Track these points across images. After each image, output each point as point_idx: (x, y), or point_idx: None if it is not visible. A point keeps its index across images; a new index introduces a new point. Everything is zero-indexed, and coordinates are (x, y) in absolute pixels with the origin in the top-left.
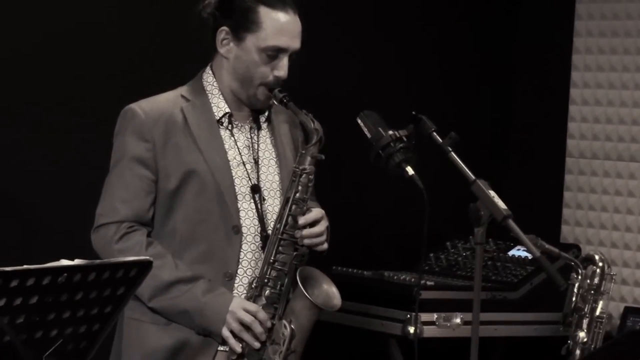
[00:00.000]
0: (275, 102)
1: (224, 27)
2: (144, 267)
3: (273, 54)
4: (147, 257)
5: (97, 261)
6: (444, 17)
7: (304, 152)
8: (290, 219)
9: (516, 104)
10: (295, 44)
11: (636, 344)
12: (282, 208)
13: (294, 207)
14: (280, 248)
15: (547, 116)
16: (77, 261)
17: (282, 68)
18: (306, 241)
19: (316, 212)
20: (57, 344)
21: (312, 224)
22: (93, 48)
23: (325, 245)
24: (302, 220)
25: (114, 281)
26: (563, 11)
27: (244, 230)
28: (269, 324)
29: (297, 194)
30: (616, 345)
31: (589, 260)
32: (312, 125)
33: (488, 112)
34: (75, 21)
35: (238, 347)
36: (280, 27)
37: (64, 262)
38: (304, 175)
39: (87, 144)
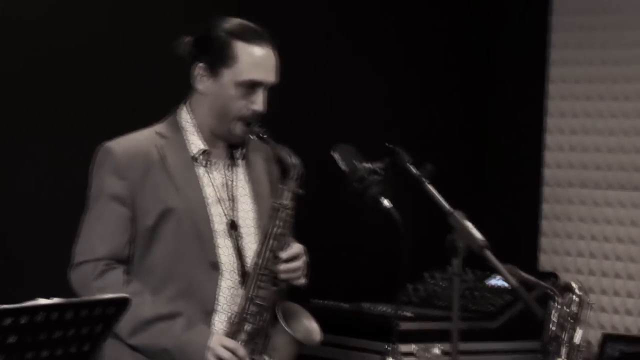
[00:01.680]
0: (253, 137)
1: (201, 63)
2: (121, 305)
3: (249, 88)
4: (125, 295)
5: (75, 299)
6: (420, 46)
7: (282, 187)
8: (269, 254)
9: (492, 133)
10: (271, 77)
11: None
12: (262, 243)
13: (273, 242)
14: (260, 283)
15: (523, 145)
16: (54, 300)
17: (258, 102)
18: (284, 276)
19: (296, 247)
20: None
21: (292, 258)
22: (72, 82)
23: (303, 280)
24: (284, 255)
25: (92, 319)
26: (538, 42)
27: (223, 266)
28: None
29: (277, 229)
30: None
31: (567, 289)
32: (291, 160)
33: (464, 142)
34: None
35: None
36: (256, 60)
37: (42, 300)
38: (282, 211)
39: (64, 181)
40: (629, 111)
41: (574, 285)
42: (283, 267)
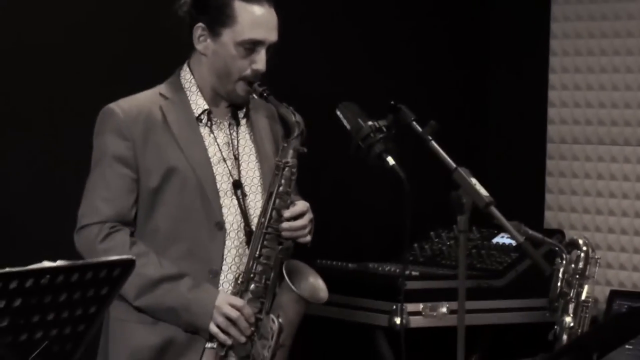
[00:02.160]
0: (255, 96)
1: (200, 24)
2: (127, 267)
3: (250, 47)
4: (130, 256)
5: (80, 262)
6: (420, 6)
7: (285, 145)
8: (274, 212)
9: (495, 91)
10: (271, 36)
11: (622, 326)
12: (266, 202)
13: (277, 200)
14: (265, 242)
15: (527, 102)
16: (59, 262)
17: (260, 61)
18: (288, 234)
19: (301, 205)
20: (42, 346)
21: (297, 217)
22: (71, 50)
23: (309, 238)
24: (287, 213)
25: (97, 281)
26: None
27: (227, 226)
28: (253, 319)
29: (281, 188)
30: (602, 328)
31: (573, 245)
32: (294, 118)
33: (467, 101)
34: (51, 23)
35: (228, 341)
36: (255, 19)
37: (47, 263)
38: (286, 169)
39: (67, 144)
40: (632, 66)
41: (580, 241)
42: (286, 225)
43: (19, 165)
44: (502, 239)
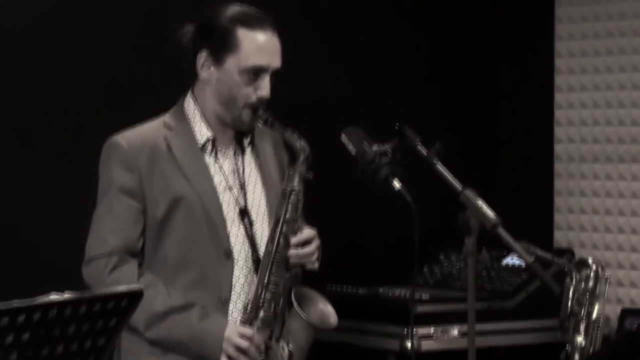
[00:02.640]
0: (260, 123)
1: (204, 51)
2: (134, 297)
3: (254, 74)
4: (138, 286)
5: (87, 293)
6: (427, 27)
7: (291, 171)
8: (282, 239)
9: (502, 111)
10: (275, 62)
11: (633, 345)
12: (273, 229)
13: (285, 227)
14: (272, 269)
15: (533, 122)
16: (67, 294)
17: (264, 88)
18: (294, 260)
19: (308, 231)
20: None
21: (304, 243)
22: (83, 78)
23: (316, 265)
24: (294, 240)
25: (105, 313)
26: (544, 16)
27: (235, 254)
28: (263, 347)
29: (288, 214)
30: (614, 347)
31: (583, 264)
32: (299, 144)
33: (474, 121)
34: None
35: None
36: (259, 46)
37: (54, 296)
38: (293, 195)
39: (74, 175)
40: (638, 82)
41: (589, 260)
42: (294, 252)
43: (26, 196)
44: (511, 260)
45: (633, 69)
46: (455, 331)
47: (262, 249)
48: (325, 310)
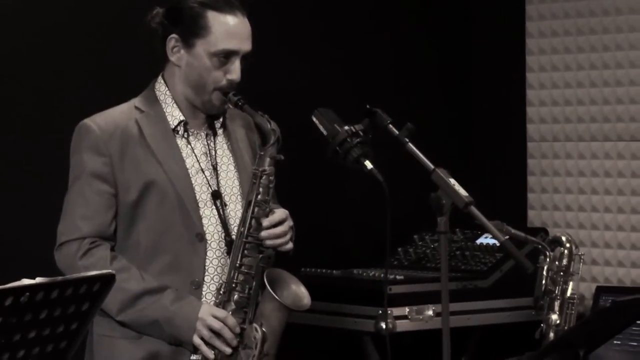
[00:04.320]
0: (231, 106)
1: (174, 35)
2: (107, 281)
3: (224, 57)
4: (110, 271)
5: (59, 278)
6: (399, 9)
7: (262, 153)
8: (253, 221)
9: (473, 91)
10: (245, 45)
11: (607, 321)
12: (245, 211)
13: (256, 209)
14: (245, 252)
15: (506, 102)
16: (38, 279)
17: (234, 71)
18: (269, 242)
19: (280, 212)
20: None
21: (276, 224)
22: (51, 63)
23: (290, 245)
24: (266, 222)
25: (77, 297)
26: None
27: (208, 237)
28: (238, 330)
29: (259, 196)
30: (588, 323)
31: (556, 242)
32: (269, 126)
33: (446, 101)
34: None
35: (210, 354)
36: (229, 30)
37: (26, 281)
38: (264, 177)
39: (45, 160)
40: (609, 62)
41: (563, 238)
42: (265, 233)
43: None
44: (485, 240)
45: (604, 48)
46: (430, 311)
47: (235, 231)
48: (299, 292)
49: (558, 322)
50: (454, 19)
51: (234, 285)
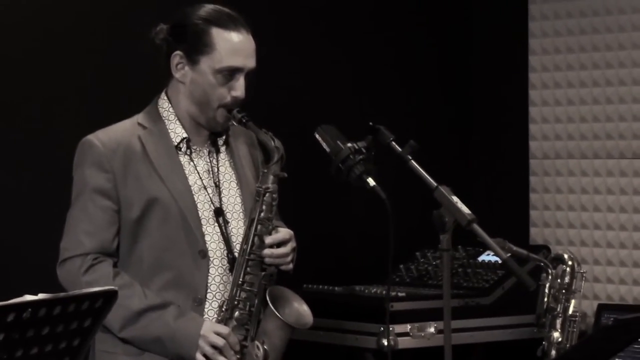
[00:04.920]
0: (235, 123)
1: (178, 52)
2: (109, 297)
3: (229, 74)
4: (112, 287)
5: (62, 294)
6: (399, 23)
7: (265, 171)
8: (256, 239)
9: (476, 108)
10: (250, 62)
11: (609, 339)
12: (248, 229)
13: (259, 227)
14: (248, 269)
15: (508, 119)
16: (41, 295)
17: (239, 88)
18: (269, 260)
19: (284, 232)
20: None
21: (280, 244)
22: (52, 65)
23: (291, 266)
24: (269, 239)
25: (80, 313)
26: (517, 13)
27: (210, 254)
28: (238, 347)
29: (262, 214)
30: (590, 341)
31: (559, 260)
32: (273, 143)
33: (448, 119)
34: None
35: None
36: (233, 47)
37: (28, 297)
38: (267, 195)
39: (48, 176)
40: (612, 79)
41: (565, 256)
42: (268, 251)
43: None
44: (487, 257)
45: (606, 65)
46: (431, 328)
47: (237, 249)
48: (301, 310)
49: (560, 339)
50: (455, 19)
51: (236, 302)
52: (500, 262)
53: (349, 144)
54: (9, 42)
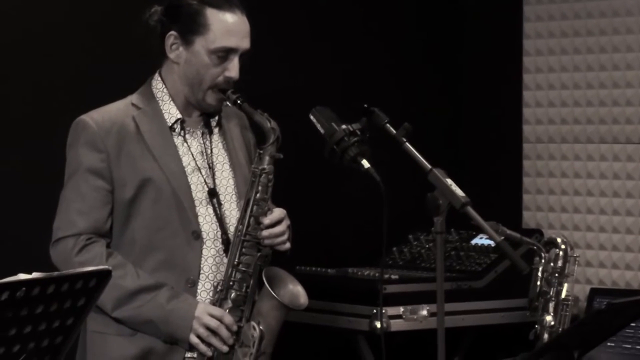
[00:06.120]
0: (229, 104)
1: (172, 32)
2: (103, 277)
3: (223, 55)
4: (106, 267)
5: (56, 273)
6: (394, 9)
7: (261, 152)
8: (252, 220)
9: (470, 92)
10: (244, 43)
11: (602, 323)
12: (244, 209)
13: (255, 207)
14: (243, 250)
15: (502, 103)
16: (34, 274)
17: (233, 69)
18: (267, 241)
19: (278, 212)
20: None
21: (274, 224)
22: (47, 58)
23: (288, 245)
24: (267, 220)
25: (73, 293)
26: None
27: (204, 235)
28: (235, 328)
29: (258, 195)
30: (582, 325)
31: (551, 244)
32: (269, 124)
33: (442, 102)
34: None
35: (208, 352)
36: (228, 27)
37: (22, 276)
38: (263, 176)
39: (42, 155)
40: (605, 63)
41: (558, 240)
42: (266, 232)
43: None
44: (480, 240)
45: (600, 50)
46: (424, 311)
47: (231, 230)
48: (295, 291)
49: (552, 323)
50: (449, 19)
51: (231, 283)
52: (493, 245)
53: (344, 126)
54: (8, 35)
